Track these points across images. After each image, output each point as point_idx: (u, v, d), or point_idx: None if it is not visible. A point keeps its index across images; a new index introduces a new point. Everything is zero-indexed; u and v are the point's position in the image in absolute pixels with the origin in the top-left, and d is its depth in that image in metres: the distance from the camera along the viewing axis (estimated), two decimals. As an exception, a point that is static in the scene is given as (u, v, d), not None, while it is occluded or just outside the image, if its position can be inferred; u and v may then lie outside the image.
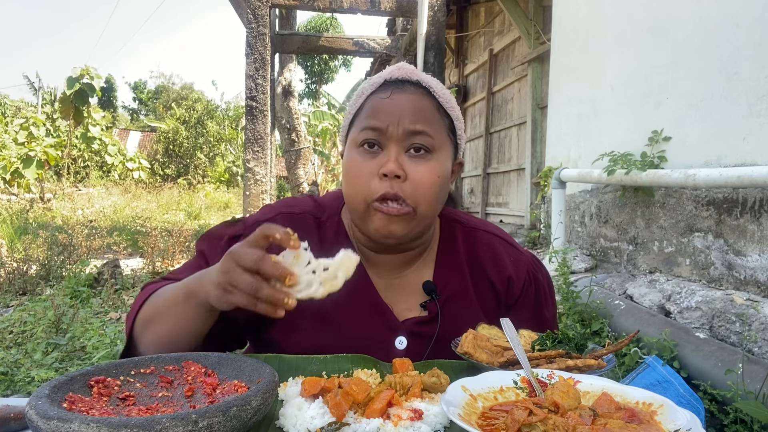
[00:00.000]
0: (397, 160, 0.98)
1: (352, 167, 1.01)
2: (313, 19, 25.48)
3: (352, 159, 1.02)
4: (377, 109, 1.01)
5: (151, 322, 0.95)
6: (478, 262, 1.14)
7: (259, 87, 6.95)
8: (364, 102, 1.05)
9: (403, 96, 1.01)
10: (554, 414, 0.70)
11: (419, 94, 1.03)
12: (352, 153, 1.02)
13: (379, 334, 1.06)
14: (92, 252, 6.62)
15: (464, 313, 1.10)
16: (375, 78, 1.07)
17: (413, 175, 0.98)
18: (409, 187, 0.98)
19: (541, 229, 5.09)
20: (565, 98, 4.62)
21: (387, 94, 1.02)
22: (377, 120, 1.00)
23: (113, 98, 36.95)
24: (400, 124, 0.99)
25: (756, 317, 2.29)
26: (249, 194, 7.16)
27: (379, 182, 0.98)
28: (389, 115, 0.99)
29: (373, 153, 1.00)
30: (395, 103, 1.01)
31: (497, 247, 1.16)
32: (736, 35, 2.82)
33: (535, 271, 1.18)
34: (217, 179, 24.33)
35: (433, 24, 6.96)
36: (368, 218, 1.00)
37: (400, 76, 1.05)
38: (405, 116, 0.99)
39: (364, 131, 1.01)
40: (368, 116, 1.02)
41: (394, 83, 1.04)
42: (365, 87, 1.07)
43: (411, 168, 0.99)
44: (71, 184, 16.67)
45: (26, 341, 3.29)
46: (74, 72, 13.95)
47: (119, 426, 0.57)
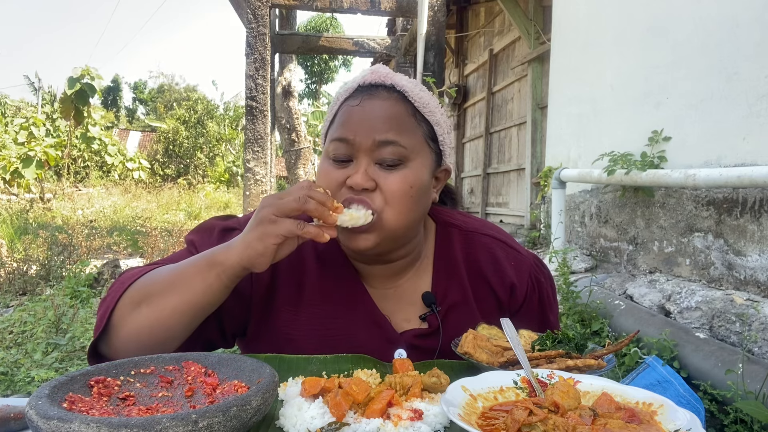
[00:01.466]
0: (366, 172, 0.93)
1: (320, 179, 0.97)
2: (313, 19, 25.48)
3: (321, 171, 0.98)
4: (347, 119, 0.96)
5: (145, 301, 0.89)
6: (477, 269, 1.09)
7: (259, 87, 6.95)
8: (338, 109, 1.00)
9: (374, 103, 0.96)
10: (554, 414, 0.70)
11: (392, 100, 0.97)
12: (323, 164, 0.99)
13: (378, 346, 1.02)
14: (92, 252, 6.62)
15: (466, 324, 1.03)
16: (350, 83, 1.02)
17: (384, 185, 0.93)
18: (378, 199, 0.93)
19: (541, 229, 5.09)
20: (565, 98, 4.62)
21: (357, 102, 0.97)
22: (345, 131, 0.95)
23: (119, 98, 36.97)
24: (369, 135, 0.93)
25: (756, 317, 2.29)
26: (249, 194, 7.16)
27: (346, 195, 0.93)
28: (358, 125, 0.94)
29: (342, 165, 0.95)
30: (365, 111, 0.95)
31: (497, 251, 1.11)
32: (736, 35, 2.82)
33: (538, 274, 1.14)
34: (217, 179, 24.33)
35: (433, 24, 6.96)
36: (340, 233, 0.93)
37: (373, 81, 0.99)
38: (374, 126, 0.94)
39: (334, 143, 0.96)
40: (338, 126, 0.97)
41: (366, 89, 0.98)
42: (340, 93, 1.02)
43: (381, 178, 0.93)
44: (71, 184, 16.68)
45: (26, 341, 3.29)
46: (75, 72, 13.95)
47: (119, 426, 0.57)
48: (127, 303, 0.90)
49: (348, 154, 0.95)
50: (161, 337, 0.90)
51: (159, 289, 0.89)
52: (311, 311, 1.02)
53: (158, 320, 0.88)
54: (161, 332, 0.89)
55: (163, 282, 0.90)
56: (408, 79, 1.02)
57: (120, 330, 0.90)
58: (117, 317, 0.90)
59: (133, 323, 0.89)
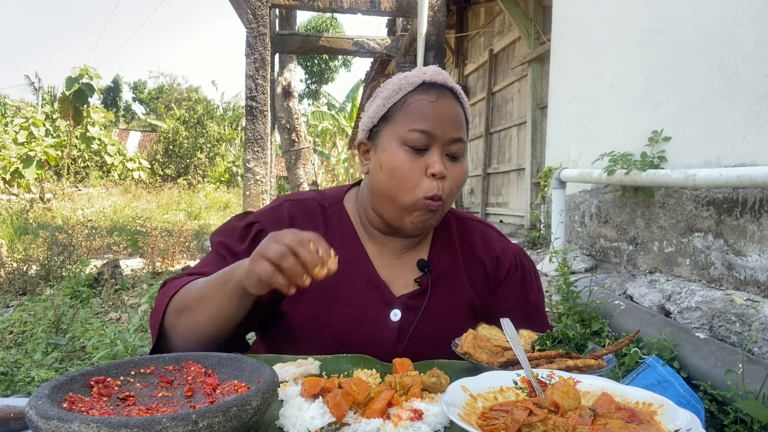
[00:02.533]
0: (442, 162, 1.07)
1: (400, 163, 1.07)
2: (313, 19, 25.48)
3: (399, 156, 1.08)
4: (426, 113, 1.07)
5: (185, 312, 1.02)
6: (470, 245, 1.24)
7: (259, 87, 6.95)
8: (404, 99, 1.10)
9: (447, 103, 1.09)
10: (554, 414, 0.70)
11: (455, 103, 1.11)
12: (395, 149, 1.08)
13: (376, 306, 1.14)
14: (92, 252, 6.61)
15: (455, 287, 1.19)
16: (411, 76, 1.11)
17: (451, 174, 1.09)
18: (447, 186, 1.08)
19: (541, 229, 5.09)
20: (565, 98, 4.62)
21: (434, 98, 1.08)
22: (427, 124, 1.07)
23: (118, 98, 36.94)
24: (447, 131, 1.07)
25: (756, 317, 2.29)
26: (249, 194, 7.16)
27: (429, 182, 1.07)
28: (437, 121, 1.07)
29: (420, 153, 1.07)
30: (442, 109, 1.08)
31: (488, 232, 1.28)
32: (736, 35, 2.82)
33: (522, 257, 1.28)
34: (217, 179, 24.33)
35: (433, 24, 6.97)
36: (413, 212, 1.09)
37: (440, 81, 1.11)
38: (450, 124, 1.08)
39: (413, 132, 1.07)
40: (418, 118, 1.07)
41: (436, 87, 1.10)
42: (402, 84, 1.11)
43: (450, 168, 1.09)
44: (71, 184, 16.68)
45: (26, 341, 3.29)
46: (73, 72, 13.95)
47: (119, 426, 0.57)
48: (171, 313, 1.04)
49: (426, 144, 1.07)
50: (205, 340, 1.02)
51: (191, 303, 1.02)
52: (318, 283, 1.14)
53: (195, 329, 1.01)
54: (202, 338, 1.02)
55: (194, 296, 1.02)
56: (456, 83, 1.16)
57: (170, 336, 1.05)
58: (167, 325, 1.04)
59: (179, 330, 1.03)
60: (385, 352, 1.07)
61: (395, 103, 1.10)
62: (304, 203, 1.20)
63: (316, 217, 1.18)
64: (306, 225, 1.15)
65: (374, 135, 1.13)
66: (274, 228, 1.09)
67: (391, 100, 1.11)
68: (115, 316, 4.18)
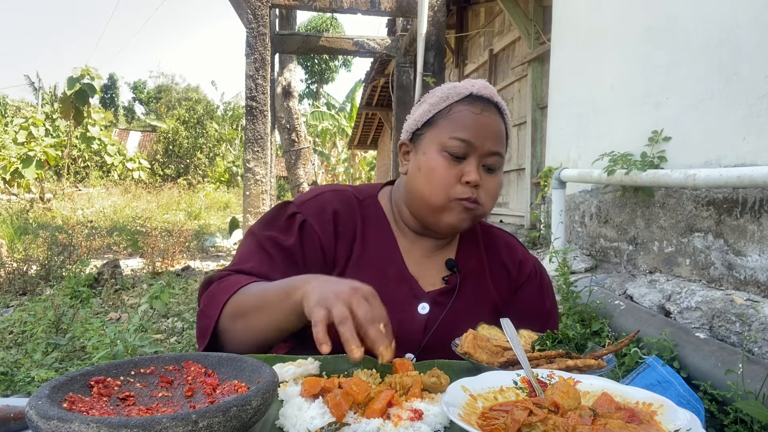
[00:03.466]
0: (478, 172, 1.12)
1: (437, 167, 1.13)
2: (313, 19, 25.48)
3: (437, 161, 1.13)
4: (468, 124, 1.13)
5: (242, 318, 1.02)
6: (494, 250, 1.31)
7: (259, 87, 6.95)
8: (449, 107, 1.15)
9: (490, 117, 1.14)
10: (554, 414, 0.70)
11: (499, 118, 1.17)
12: (434, 153, 1.14)
13: (405, 298, 1.19)
14: (92, 252, 6.62)
15: (480, 288, 1.25)
16: (460, 87, 1.17)
17: (486, 185, 1.14)
18: (482, 194, 1.14)
19: (541, 229, 5.09)
20: (565, 98, 4.62)
21: (478, 110, 1.14)
22: (468, 134, 1.12)
23: (115, 96, 36.92)
24: (486, 144, 1.13)
25: (756, 317, 2.29)
26: (249, 194, 7.16)
27: (462, 187, 1.12)
28: (478, 132, 1.12)
29: (457, 161, 1.13)
30: (484, 122, 1.13)
31: (511, 240, 1.36)
32: (736, 35, 2.82)
33: (541, 267, 1.35)
34: (217, 179, 24.32)
35: (433, 24, 6.96)
36: (445, 211, 1.14)
37: (486, 95, 1.16)
38: (490, 137, 1.13)
39: (454, 140, 1.12)
40: (459, 127, 1.13)
41: (481, 100, 1.15)
42: (450, 93, 1.16)
43: (485, 179, 1.14)
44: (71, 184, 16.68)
45: (26, 341, 3.29)
46: (75, 72, 13.95)
47: (119, 426, 0.57)
48: (227, 316, 1.04)
49: (465, 153, 1.13)
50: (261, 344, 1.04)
51: (248, 309, 1.02)
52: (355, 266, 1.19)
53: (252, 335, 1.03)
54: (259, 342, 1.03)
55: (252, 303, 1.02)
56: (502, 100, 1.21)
57: (226, 338, 1.05)
58: (222, 328, 1.05)
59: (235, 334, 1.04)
60: (411, 344, 1.14)
61: (441, 110, 1.16)
62: (344, 194, 1.24)
63: (354, 208, 1.23)
64: (347, 217, 1.20)
65: (417, 138, 1.19)
66: (317, 219, 1.17)
67: (437, 106, 1.16)
68: (115, 316, 4.18)
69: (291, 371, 0.90)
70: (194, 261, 7.53)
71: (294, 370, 0.91)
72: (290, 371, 0.90)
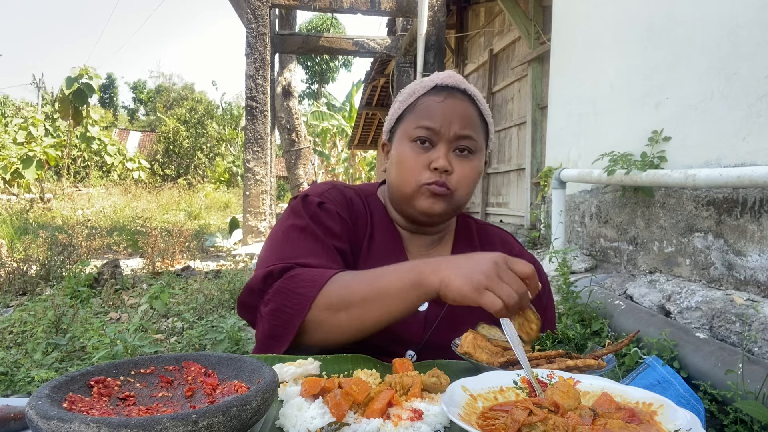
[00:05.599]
0: (446, 157, 1.13)
1: (405, 158, 1.16)
2: (314, 18, 25.49)
3: (405, 151, 1.16)
4: (432, 111, 1.15)
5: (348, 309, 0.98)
6: (490, 246, 1.31)
7: (259, 87, 6.95)
8: (415, 101, 1.18)
9: (454, 102, 1.15)
10: (554, 414, 0.70)
11: (467, 102, 1.17)
12: (404, 145, 1.17)
13: None
14: (92, 252, 6.62)
15: None
16: (426, 81, 1.20)
17: (458, 171, 1.14)
18: (453, 179, 1.14)
19: (541, 229, 5.09)
20: (565, 98, 4.62)
21: (441, 98, 1.15)
22: (432, 121, 1.14)
23: (114, 96, 36.91)
24: (451, 128, 1.14)
25: (756, 317, 2.29)
26: (249, 194, 7.16)
27: (430, 173, 1.13)
28: (443, 118, 1.14)
29: (425, 148, 1.15)
30: (448, 107, 1.15)
31: (507, 237, 1.37)
32: (736, 35, 2.82)
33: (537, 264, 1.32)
34: (217, 179, 24.32)
35: (433, 24, 6.97)
36: (416, 198, 1.15)
37: (451, 83, 1.18)
38: (455, 121, 1.14)
39: (419, 129, 1.15)
40: (423, 116, 1.15)
41: (445, 89, 1.17)
42: (416, 87, 1.20)
43: (456, 165, 1.15)
44: (71, 184, 16.68)
45: (26, 341, 3.28)
46: (73, 72, 13.95)
47: (119, 426, 0.57)
48: (323, 308, 0.99)
49: (431, 140, 1.15)
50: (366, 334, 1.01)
51: (360, 299, 0.98)
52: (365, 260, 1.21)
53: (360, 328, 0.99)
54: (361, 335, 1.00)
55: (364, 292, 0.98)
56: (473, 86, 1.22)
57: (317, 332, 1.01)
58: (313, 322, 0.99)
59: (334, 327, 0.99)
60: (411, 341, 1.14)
61: (409, 105, 1.19)
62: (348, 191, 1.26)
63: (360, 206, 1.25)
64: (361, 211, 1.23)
65: (392, 136, 1.23)
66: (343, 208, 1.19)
67: (405, 102, 1.20)
68: (115, 316, 4.18)
69: (291, 371, 0.90)
70: (194, 261, 7.53)
71: (294, 370, 0.91)
72: (290, 371, 0.90)
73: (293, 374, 0.90)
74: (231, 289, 4.70)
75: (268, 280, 1.05)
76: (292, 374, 0.90)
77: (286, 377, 0.89)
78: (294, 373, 0.90)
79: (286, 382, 0.87)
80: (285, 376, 0.89)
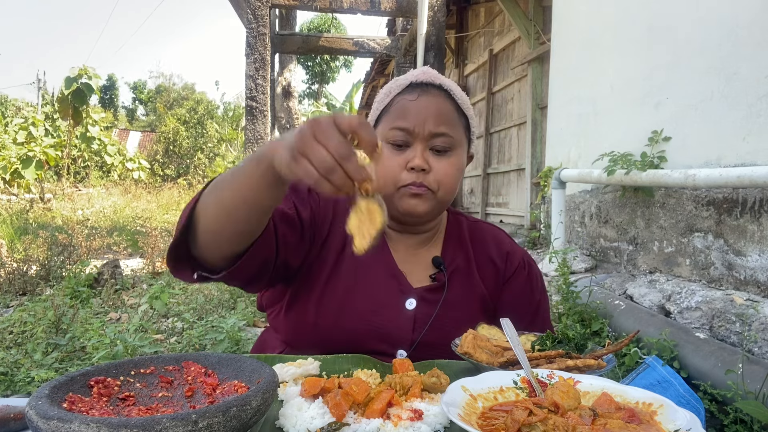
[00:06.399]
0: (423, 156, 1.11)
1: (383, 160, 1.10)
2: (314, 18, 25.49)
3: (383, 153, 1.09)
4: (405, 111, 1.12)
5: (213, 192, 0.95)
6: (481, 244, 1.30)
7: (259, 87, 6.95)
8: (391, 101, 1.16)
9: (428, 99, 1.13)
10: (554, 414, 0.70)
11: (442, 98, 1.14)
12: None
13: (393, 294, 1.19)
14: (92, 252, 6.61)
15: (468, 283, 1.24)
16: (401, 79, 1.18)
17: (436, 168, 1.12)
18: (432, 178, 1.12)
19: (541, 229, 5.09)
20: (565, 98, 4.62)
21: (414, 96, 1.13)
22: (405, 121, 1.12)
23: (115, 97, 36.91)
24: (426, 126, 1.11)
25: (756, 317, 2.29)
26: (249, 194, 7.14)
27: (407, 173, 1.12)
28: (416, 117, 1.11)
29: (401, 149, 1.13)
30: (421, 105, 1.12)
31: (498, 233, 1.35)
32: (736, 35, 2.82)
33: (529, 260, 1.34)
34: (217, 179, 24.27)
35: (433, 24, 6.97)
36: (397, 200, 1.13)
37: (425, 80, 1.15)
38: (430, 119, 1.11)
39: (393, 131, 1.12)
40: (397, 117, 1.13)
41: (419, 86, 1.15)
42: (392, 87, 1.17)
43: (434, 163, 1.12)
44: (71, 185, 16.67)
45: (26, 341, 3.28)
46: (72, 72, 13.95)
47: (119, 426, 0.57)
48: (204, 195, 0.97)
49: (406, 141, 1.12)
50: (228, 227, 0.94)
51: (221, 181, 0.96)
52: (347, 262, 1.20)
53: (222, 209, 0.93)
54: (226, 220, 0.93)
55: (225, 176, 0.96)
56: (450, 80, 1.19)
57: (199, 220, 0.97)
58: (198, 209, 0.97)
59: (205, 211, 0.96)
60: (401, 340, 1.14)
61: (385, 105, 1.17)
62: None
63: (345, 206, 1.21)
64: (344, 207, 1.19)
65: None
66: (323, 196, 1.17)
67: (381, 104, 1.18)
68: (115, 316, 4.18)
69: (291, 371, 0.90)
70: (194, 261, 7.51)
71: (294, 370, 0.91)
72: (290, 371, 0.90)
73: (293, 374, 0.90)
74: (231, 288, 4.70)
75: None
76: (292, 374, 0.90)
77: (286, 377, 0.89)
78: (294, 373, 0.90)
79: (286, 382, 0.87)
80: (285, 376, 0.89)
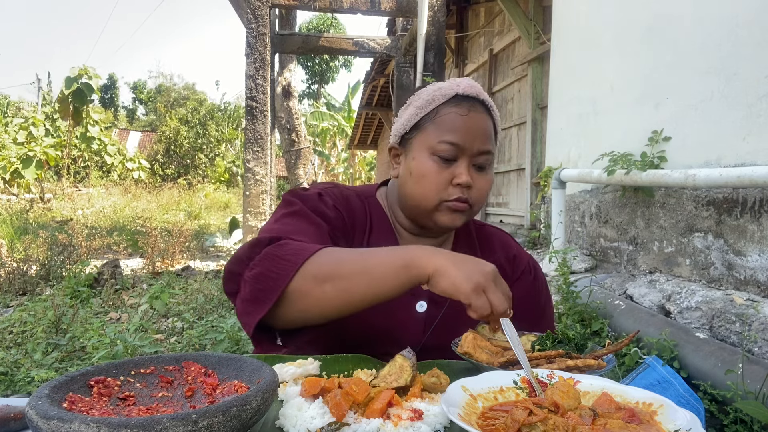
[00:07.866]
0: (469, 173, 1.14)
1: (427, 172, 1.14)
2: (314, 18, 25.50)
3: (427, 165, 1.14)
4: (456, 126, 1.13)
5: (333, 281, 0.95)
6: (489, 247, 1.33)
7: (259, 87, 6.95)
8: (436, 110, 1.16)
9: (477, 116, 1.15)
10: (554, 414, 0.70)
11: (486, 116, 1.17)
12: (424, 157, 1.15)
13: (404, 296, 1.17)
14: (92, 252, 6.61)
15: None
16: (445, 88, 1.17)
17: (477, 184, 1.15)
18: (473, 194, 1.15)
19: (541, 229, 5.09)
20: (565, 98, 4.62)
21: (465, 111, 1.14)
22: (456, 136, 1.13)
23: (115, 96, 36.91)
24: (474, 144, 1.14)
25: (756, 317, 2.29)
26: (249, 194, 7.15)
27: (453, 188, 1.14)
28: (466, 134, 1.13)
29: (448, 163, 1.14)
30: (472, 122, 1.14)
31: (505, 237, 1.38)
32: (736, 35, 2.82)
33: (535, 264, 1.36)
34: (217, 179, 24.32)
35: (433, 24, 6.96)
36: (436, 213, 1.15)
37: (471, 93, 1.16)
38: (478, 137, 1.14)
39: (443, 144, 1.13)
40: (447, 130, 1.13)
41: (466, 100, 1.15)
42: (436, 95, 1.16)
43: (476, 178, 1.15)
44: (71, 184, 16.68)
45: (26, 341, 3.29)
46: (72, 72, 13.95)
47: (119, 426, 0.57)
48: (309, 277, 0.96)
49: (455, 156, 1.14)
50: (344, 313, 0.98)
51: (348, 273, 0.96)
52: None
53: (344, 303, 0.96)
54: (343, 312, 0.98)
55: (353, 267, 0.96)
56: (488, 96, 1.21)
57: (298, 302, 0.97)
58: (297, 290, 0.96)
59: (317, 299, 0.96)
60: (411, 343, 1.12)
61: (428, 113, 1.16)
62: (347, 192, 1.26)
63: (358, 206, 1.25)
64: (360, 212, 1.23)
65: (405, 142, 1.19)
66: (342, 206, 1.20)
67: (424, 110, 1.17)
68: (115, 316, 4.18)
69: (291, 371, 0.90)
70: (194, 261, 7.53)
71: (294, 370, 0.91)
72: (290, 371, 0.90)
73: (293, 374, 0.90)
74: (231, 289, 4.69)
75: (256, 249, 1.01)
76: (292, 374, 0.90)
77: (286, 377, 0.89)
78: (294, 373, 0.90)
79: (286, 382, 0.87)
80: (285, 376, 0.89)
